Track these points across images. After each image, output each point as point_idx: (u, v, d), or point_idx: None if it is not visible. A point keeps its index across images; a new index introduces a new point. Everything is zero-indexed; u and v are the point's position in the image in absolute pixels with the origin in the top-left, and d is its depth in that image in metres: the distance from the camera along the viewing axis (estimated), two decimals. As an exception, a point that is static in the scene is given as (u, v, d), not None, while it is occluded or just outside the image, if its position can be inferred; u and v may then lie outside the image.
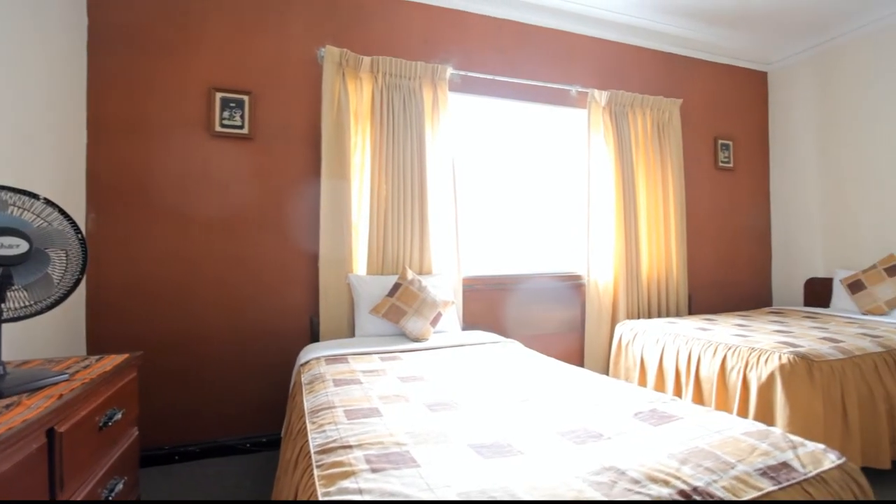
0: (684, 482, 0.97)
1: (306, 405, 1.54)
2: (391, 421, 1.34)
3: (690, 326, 2.92)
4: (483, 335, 2.61)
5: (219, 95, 2.54)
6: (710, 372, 2.50)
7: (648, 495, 0.92)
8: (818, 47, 3.81)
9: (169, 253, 2.47)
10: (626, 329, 3.16)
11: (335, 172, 2.67)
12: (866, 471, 2.13)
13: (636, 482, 0.97)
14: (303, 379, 1.87)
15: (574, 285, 3.40)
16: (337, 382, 1.74)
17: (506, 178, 3.35)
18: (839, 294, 3.52)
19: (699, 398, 2.54)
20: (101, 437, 1.31)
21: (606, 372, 3.28)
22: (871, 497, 1.08)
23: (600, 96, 3.36)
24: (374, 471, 1.02)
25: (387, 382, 1.76)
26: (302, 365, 2.10)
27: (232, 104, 2.56)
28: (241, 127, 2.58)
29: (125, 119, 2.41)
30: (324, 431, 1.27)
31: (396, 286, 2.57)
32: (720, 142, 4.00)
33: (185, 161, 2.50)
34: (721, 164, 4.00)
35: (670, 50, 3.80)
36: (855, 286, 3.36)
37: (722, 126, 4.04)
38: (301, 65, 2.74)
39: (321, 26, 2.78)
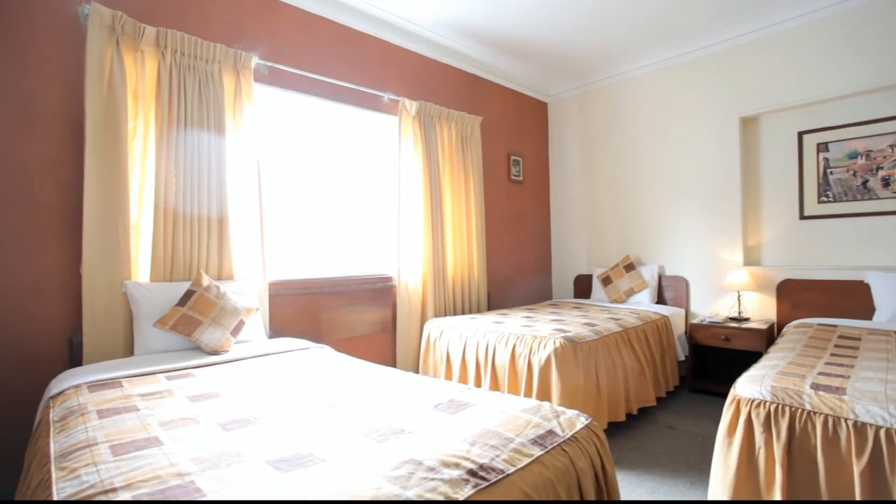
0: (472, 461, 1.08)
1: (53, 448, 1.23)
2: (174, 449, 1.16)
3: (488, 321, 3.28)
4: (291, 342, 2.48)
5: (-87, 44, 1.86)
6: (503, 360, 2.84)
7: (441, 480, 1.00)
8: (580, 88, 4.72)
9: None
10: (434, 326, 3.38)
11: (105, 160, 2.21)
12: (612, 424, 2.73)
13: (431, 469, 1.04)
14: (52, 415, 1.50)
15: (385, 287, 3.49)
16: (103, 413, 1.44)
17: (318, 180, 3.25)
18: (596, 287, 4.39)
19: (495, 384, 2.87)
20: None
21: (417, 369, 3.45)
22: (607, 445, 1.36)
23: (411, 105, 3.53)
24: (143, 512, 0.87)
25: (173, 405, 1.53)
26: (52, 398, 1.67)
27: (-63, 58, 1.91)
28: (-46, 91, 1.94)
29: None
30: (77, 477, 1.03)
31: (189, 294, 2.26)
32: (512, 157, 4.60)
33: None
34: (513, 177, 4.60)
35: (473, 71, 4.21)
36: (606, 280, 4.24)
37: (514, 144, 4.65)
38: (55, 19, 2.18)
39: (84, -21, 2.28)
